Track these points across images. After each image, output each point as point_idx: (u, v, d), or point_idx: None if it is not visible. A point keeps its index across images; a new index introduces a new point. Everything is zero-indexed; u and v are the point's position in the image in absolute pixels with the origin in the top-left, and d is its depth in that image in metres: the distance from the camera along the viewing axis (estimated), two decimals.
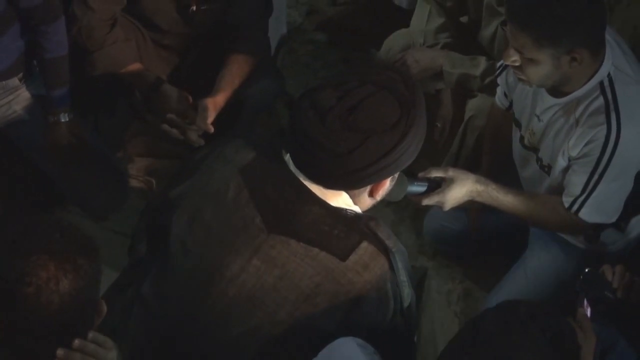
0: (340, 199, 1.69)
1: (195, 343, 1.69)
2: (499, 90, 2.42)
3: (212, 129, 2.44)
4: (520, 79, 2.12)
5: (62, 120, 2.49)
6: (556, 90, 2.13)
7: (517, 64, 2.05)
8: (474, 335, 1.49)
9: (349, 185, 1.68)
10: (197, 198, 1.73)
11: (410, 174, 2.01)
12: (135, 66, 2.56)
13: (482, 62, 2.62)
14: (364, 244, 1.65)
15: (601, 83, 2.07)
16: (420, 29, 2.78)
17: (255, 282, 1.65)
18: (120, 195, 2.79)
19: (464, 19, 2.82)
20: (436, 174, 2.12)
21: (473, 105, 2.67)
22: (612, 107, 2.05)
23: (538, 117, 2.20)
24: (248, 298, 1.65)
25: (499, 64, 2.38)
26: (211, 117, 2.45)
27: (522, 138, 2.30)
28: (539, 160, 2.25)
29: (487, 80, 2.60)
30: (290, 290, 1.64)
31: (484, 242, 2.64)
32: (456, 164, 2.70)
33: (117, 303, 1.83)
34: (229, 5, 2.57)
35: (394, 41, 2.89)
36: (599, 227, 2.24)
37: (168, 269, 1.72)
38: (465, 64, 2.65)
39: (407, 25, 2.87)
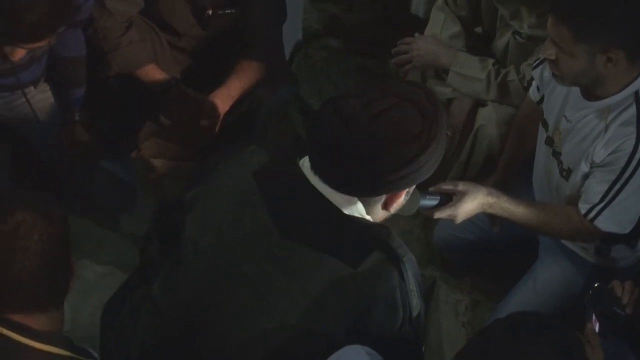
0: (354, 208, 1.69)
1: (204, 345, 1.70)
2: (533, 83, 2.41)
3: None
4: (554, 75, 2.10)
5: (77, 119, 2.51)
6: (589, 93, 2.10)
7: (552, 57, 2.03)
8: (483, 345, 1.49)
9: (367, 191, 1.68)
10: (210, 201, 1.73)
11: (422, 188, 2.01)
12: (151, 67, 2.57)
13: (489, 65, 2.63)
14: (375, 253, 1.65)
15: (636, 93, 2.04)
16: (434, 34, 2.79)
17: (265, 286, 1.65)
18: (132, 196, 2.80)
19: (477, 30, 2.83)
20: (447, 187, 2.12)
21: (483, 114, 2.67)
22: None
23: (566, 117, 2.17)
24: (257, 302, 1.65)
25: (535, 58, 2.37)
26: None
27: (549, 140, 2.27)
28: (560, 163, 2.23)
29: (493, 83, 2.61)
30: (300, 295, 1.64)
31: (493, 253, 2.63)
32: (465, 173, 2.70)
33: (126, 303, 1.84)
34: (244, 10, 2.58)
35: None
36: (609, 240, 2.24)
37: (179, 271, 1.73)
38: (474, 64, 2.65)
39: (422, 34, 2.87)
